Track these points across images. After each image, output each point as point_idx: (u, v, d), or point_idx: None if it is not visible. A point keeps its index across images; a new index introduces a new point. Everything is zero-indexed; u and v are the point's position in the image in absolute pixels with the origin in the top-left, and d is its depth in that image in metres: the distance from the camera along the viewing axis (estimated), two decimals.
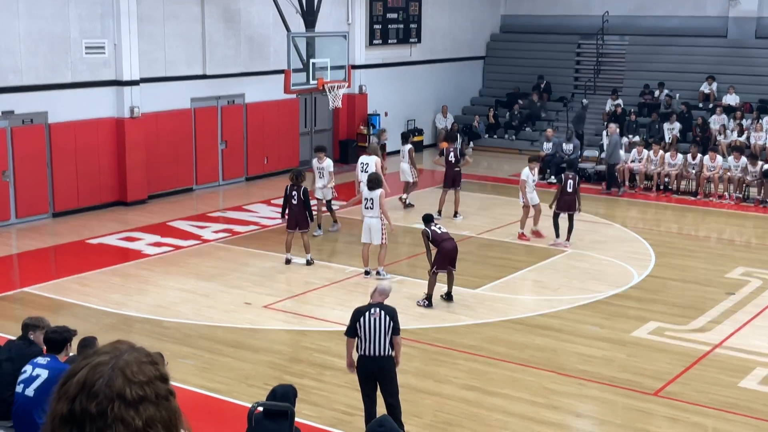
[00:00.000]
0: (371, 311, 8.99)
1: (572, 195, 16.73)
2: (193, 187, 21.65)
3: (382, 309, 9.01)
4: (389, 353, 8.97)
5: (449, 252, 13.38)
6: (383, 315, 8.95)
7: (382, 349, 8.92)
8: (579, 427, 9.98)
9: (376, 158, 17.54)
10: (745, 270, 15.55)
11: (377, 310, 8.99)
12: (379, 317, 8.94)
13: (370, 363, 8.96)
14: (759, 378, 10.93)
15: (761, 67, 26.26)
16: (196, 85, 21.34)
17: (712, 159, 21.45)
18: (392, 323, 8.94)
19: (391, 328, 8.94)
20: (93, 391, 1.90)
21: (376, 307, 9.03)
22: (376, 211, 14.58)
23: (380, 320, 8.93)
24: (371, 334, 8.91)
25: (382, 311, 8.99)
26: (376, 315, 8.95)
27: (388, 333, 8.92)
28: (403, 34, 26.98)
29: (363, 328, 8.93)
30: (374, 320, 8.93)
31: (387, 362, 8.99)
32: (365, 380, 9.03)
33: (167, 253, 16.28)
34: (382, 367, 8.98)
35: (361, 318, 8.98)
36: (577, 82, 29.09)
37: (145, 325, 12.62)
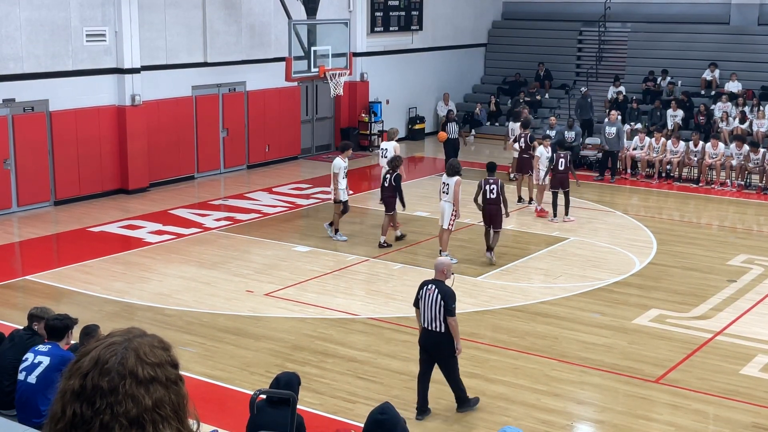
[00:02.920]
0: (428, 286, 9.37)
1: (564, 173, 17.55)
2: (195, 175, 21.64)
3: (437, 287, 9.32)
4: (443, 330, 9.24)
5: (486, 214, 15.09)
6: (436, 293, 9.26)
7: (435, 325, 9.25)
8: (580, 414, 10.00)
9: (395, 143, 17.66)
10: (747, 257, 15.54)
11: (432, 287, 9.33)
12: (432, 294, 9.27)
13: (425, 336, 9.38)
14: (760, 365, 10.94)
15: (764, 54, 26.18)
16: (198, 73, 21.30)
17: (714, 146, 21.41)
18: (443, 302, 9.22)
19: (443, 308, 9.21)
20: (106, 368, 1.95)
21: (432, 284, 9.38)
22: (450, 196, 14.87)
23: (433, 296, 9.26)
24: (426, 308, 9.29)
25: (436, 289, 9.29)
26: (430, 291, 9.30)
27: (440, 311, 9.21)
28: (405, 21, 26.90)
29: (422, 301, 9.35)
30: (429, 296, 9.30)
31: (440, 339, 9.26)
32: (422, 350, 9.47)
33: (169, 241, 16.29)
34: (436, 344, 9.30)
35: (421, 291, 9.40)
36: (579, 69, 29.01)
37: (147, 312, 12.64)
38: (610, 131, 21.69)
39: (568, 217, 17.74)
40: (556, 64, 28.87)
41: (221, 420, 8.94)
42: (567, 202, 17.72)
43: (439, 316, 9.22)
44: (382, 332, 11.92)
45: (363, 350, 11.28)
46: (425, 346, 9.40)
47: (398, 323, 12.23)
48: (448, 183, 14.87)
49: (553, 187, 17.73)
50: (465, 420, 9.45)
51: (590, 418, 9.93)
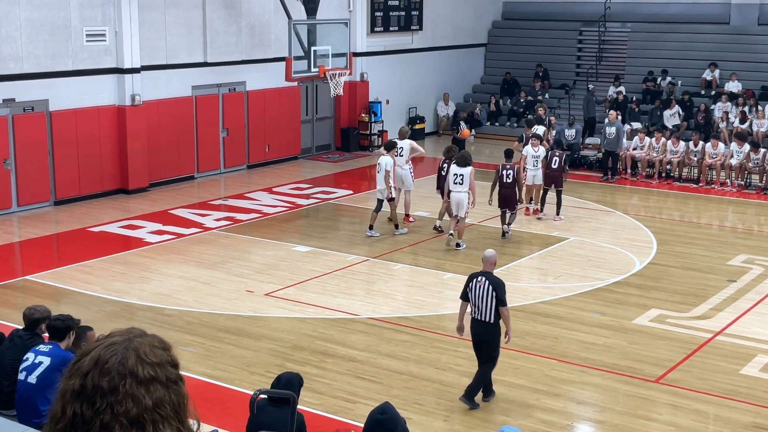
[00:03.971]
0: (478, 278, 9.65)
1: (557, 171, 17.67)
2: (195, 175, 21.64)
3: (488, 278, 9.61)
4: (494, 321, 9.55)
5: (501, 197, 16.34)
6: (487, 284, 9.55)
7: (486, 316, 9.53)
8: (580, 414, 10.00)
9: (409, 141, 17.67)
10: (747, 257, 15.54)
11: (483, 279, 9.62)
12: (484, 285, 9.55)
13: (475, 326, 9.66)
14: (760, 365, 10.95)
15: (763, 54, 26.19)
16: (197, 73, 21.31)
17: (714, 146, 21.41)
18: (495, 293, 9.49)
19: (495, 298, 9.49)
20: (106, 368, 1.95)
21: (482, 276, 9.66)
22: (465, 186, 15.48)
23: (484, 288, 9.53)
24: (476, 299, 9.57)
25: (487, 281, 9.58)
26: (481, 283, 9.58)
27: (491, 302, 9.49)
28: (405, 21, 26.90)
29: (471, 293, 9.63)
30: (479, 287, 9.57)
31: (490, 329, 9.58)
32: (474, 341, 9.75)
33: (169, 241, 16.29)
34: (486, 333, 9.59)
35: (470, 284, 9.68)
36: (579, 69, 29.02)
37: (147, 312, 12.64)
38: (610, 131, 21.69)
39: (558, 217, 17.74)
40: (556, 64, 28.88)
41: (221, 420, 8.94)
42: (559, 201, 17.78)
43: (490, 306, 9.50)
44: (382, 332, 11.92)
45: (363, 350, 11.28)
46: (474, 336, 9.72)
47: (398, 323, 12.23)
48: (462, 173, 15.54)
49: (546, 185, 17.83)
50: (465, 420, 9.45)
51: (590, 418, 9.93)
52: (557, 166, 17.74)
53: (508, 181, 16.33)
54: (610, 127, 21.72)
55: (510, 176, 16.35)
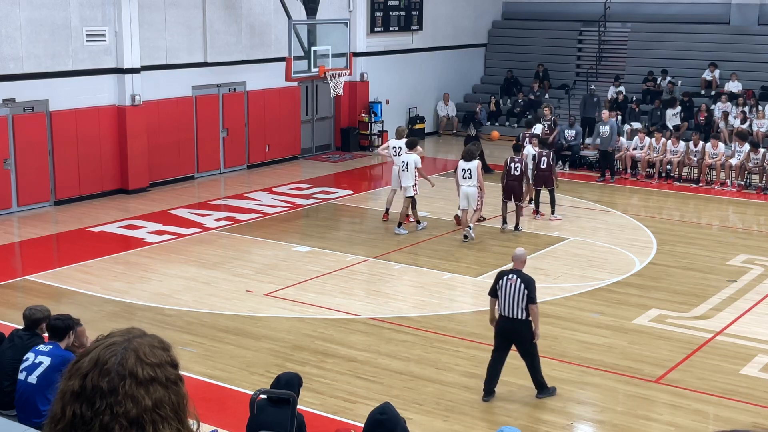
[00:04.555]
0: (509, 276, 9.70)
1: (546, 171, 17.72)
2: (195, 175, 21.65)
3: (519, 276, 9.68)
4: (524, 318, 9.61)
5: (508, 188, 16.84)
6: (518, 282, 9.61)
7: (516, 313, 9.60)
8: (580, 414, 10.00)
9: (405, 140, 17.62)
10: (747, 257, 15.54)
11: (514, 277, 9.68)
12: (514, 283, 9.61)
13: (507, 324, 9.70)
14: (760, 365, 10.95)
15: (763, 54, 26.18)
16: (198, 73, 21.31)
17: (714, 146, 21.41)
18: (526, 291, 9.56)
19: (526, 296, 9.55)
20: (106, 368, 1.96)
21: (513, 274, 9.72)
22: (473, 180, 15.93)
23: (515, 286, 9.59)
24: (507, 297, 9.62)
25: (518, 279, 9.65)
26: (512, 281, 9.64)
27: (523, 299, 9.55)
28: (405, 21, 26.90)
29: (501, 291, 9.68)
30: (510, 285, 9.62)
31: (522, 326, 9.64)
32: (499, 336, 9.82)
33: (169, 241, 16.29)
34: (517, 330, 9.68)
35: (500, 281, 9.72)
36: (579, 69, 29.02)
37: (147, 312, 12.64)
38: (603, 130, 21.70)
39: (554, 216, 17.79)
40: (556, 64, 28.88)
41: (221, 420, 8.95)
42: (552, 200, 17.87)
43: (521, 304, 9.56)
44: (382, 332, 11.92)
45: (363, 350, 11.28)
46: (504, 334, 9.75)
47: (398, 323, 12.23)
48: (470, 168, 16.01)
49: (536, 185, 17.93)
50: (465, 420, 9.45)
51: (590, 418, 9.93)
52: (546, 166, 17.79)
53: (515, 174, 16.77)
54: (603, 126, 21.72)
55: (518, 169, 16.77)
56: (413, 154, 16.85)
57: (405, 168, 16.76)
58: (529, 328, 9.68)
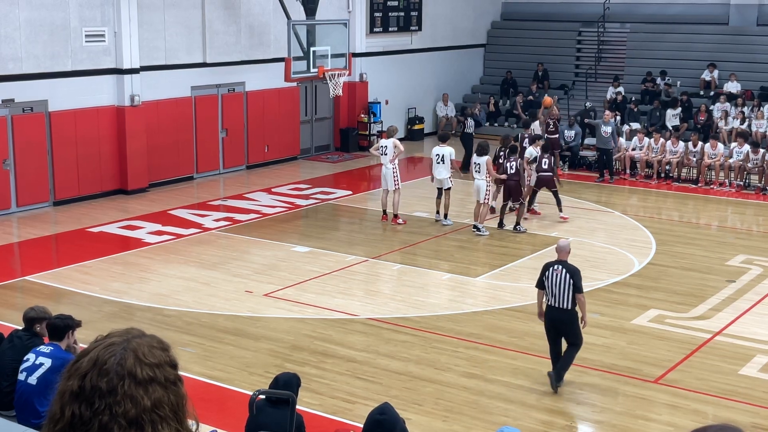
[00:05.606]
0: (554, 267, 10.01)
1: (547, 172, 17.64)
2: (194, 176, 21.65)
3: (564, 267, 9.98)
4: (571, 307, 9.90)
5: (506, 188, 17.01)
6: (564, 272, 9.91)
7: (563, 303, 9.88)
8: (580, 414, 10.00)
9: (394, 140, 17.63)
10: (746, 258, 15.55)
11: (559, 267, 9.98)
12: (560, 274, 9.91)
13: (554, 313, 9.99)
14: (759, 365, 10.95)
15: (762, 54, 26.19)
16: (197, 73, 21.31)
17: (713, 146, 21.42)
18: (572, 281, 9.85)
19: (572, 285, 9.84)
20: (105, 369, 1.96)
21: (558, 264, 10.03)
22: (482, 174, 16.54)
23: (561, 276, 9.88)
24: (554, 287, 9.91)
25: (564, 269, 9.95)
26: (558, 271, 9.94)
27: (569, 289, 9.84)
28: (404, 21, 26.90)
29: (548, 281, 9.98)
30: (556, 276, 9.92)
31: (568, 315, 9.94)
32: (550, 327, 10.10)
33: (168, 241, 16.29)
34: (563, 320, 9.97)
35: (546, 272, 10.03)
36: (578, 69, 29.03)
37: (146, 313, 12.64)
38: (605, 130, 21.71)
39: (562, 215, 17.80)
40: (555, 64, 28.88)
41: (220, 420, 8.95)
42: (558, 201, 17.82)
43: (567, 293, 9.82)
44: (381, 333, 11.93)
45: (362, 350, 11.28)
46: (553, 323, 10.02)
47: (397, 323, 12.24)
48: (479, 162, 16.61)
49: (537, 186, 17.89)
50: (464, 420, 9.45)
51: (589, 418, 9.93)
52: (547, 167, 17.69)
53: (512, 173, 16.88)
54: (605, 126, 21.73)
55: (513, 168, 16.91)
56: (445, 146, 17.41)
57: (441, 161, 17.26)
58: (576, 317, 9.96)
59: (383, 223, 17.55)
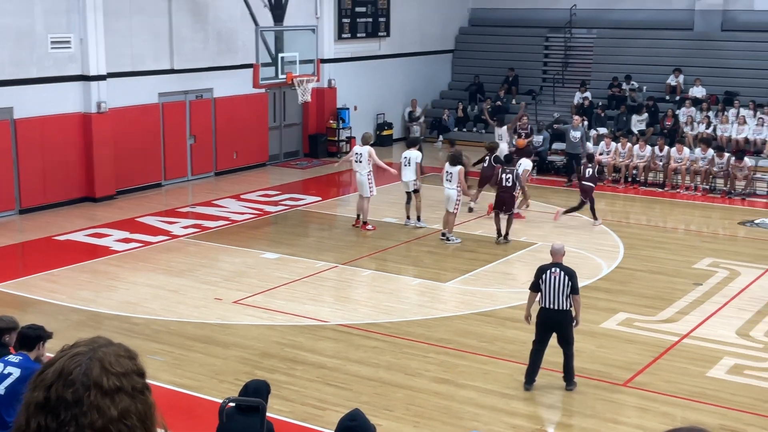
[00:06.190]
0: (552, 269, 10.15)
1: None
2: (162, 183, 21.51)
3: (562, 269, 10.15)
4: (567, 308, 10.08)
5: (499, 200, 16.55)
6: (562, 274, 10.07)
7: (560, 304, 10.04)
8: (550, 418, 10.05)
9: (369, 148, 17.61)
10: (712, 261, 15.71)
11: (557, 270, 10.14)
12: (558, 276, 10.06)
13: (551, 315, 10.10)
14: (726, 367, 11.07)
15: (727, 59, 26.53)
16: (164, 80, 21.18)
17: (679, 151, 21.65)
18: (570, 282, 10.03)
19: (569, 287, 10.02)
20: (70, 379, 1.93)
21: (555, 267, 10.19)
22: (454, 183, 16.33)
23: (559, 278, 10.04)
24: (551, 289, 10.03)
25: (562, 271, 10.11)
26: (555, 274, 10.08)
27: (566, 290, 10.01)
28: (372, 27, 26.94)
29: (544, 284, 10.08)
30: (554, 278, 10.05)
31: (565, 316, 10.12)
32: (543, 329, 10.20)
33: (136, 249, 16.16)
34: (560, 321, 10.13)
35: (543, 275, 10.12)
36: (545, 75, 29.23)
37: (114, 321, 12.53)
38: (574, 135, 21.87)
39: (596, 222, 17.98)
40: (523, 70, 29.05)
41: (190, 429, 8.89)
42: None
43: (564, 295, 10.00)
44: (352, 339, 11.91)
45: (332, 357, 11.26)
46: (548, 324, 10.13)
47: (368, 329, 12.22)
48: (452, 172, 16.36)
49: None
50: (434, 426, 9.45)
51: (559, 421, 9.98)
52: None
53: (507, 185, 16.59)
54: (574, 132, 21.89)
55: (509, 180, 16.59)
56: (414, 150, 17.54)
57: (408, 164, 17.38)
58: (571, 317, 10.14)
59: (353, 228, 17.52)
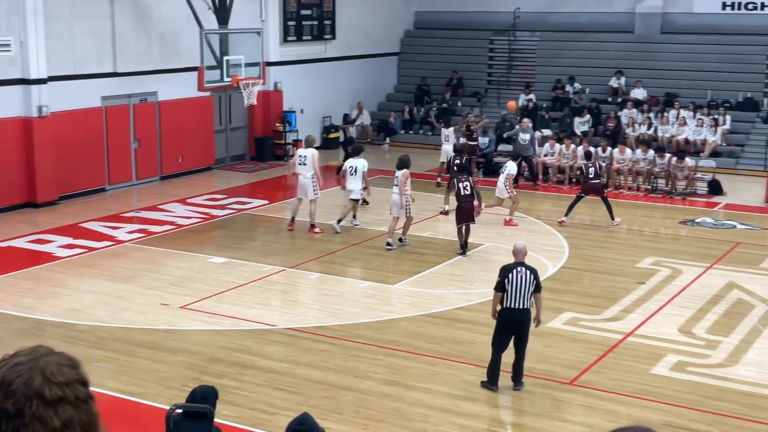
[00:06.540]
0: (518, 269, 10.18)
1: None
2: (106, 187, 21.22)
3: (527, 268, 10.24)
4: (529, 307, 10.17)
5: (463, 210, 15.78)
6: (528, 273, 10.15)
7: (525, 303, 10.11)
8: (498, 417, 10.14)
9: (313, 150, 17.54)
10: (655, 260, 15.99)
11: (523, 269, 10.20)
12: (525, 275, 10.12)
13: (516, 315, 10.13)
14: (670, 364, 11.27)
15: (667, 61, 27.04)
16: (107, 83, 20.90)
17: (622, 152, 21.99)
18: (535, 281, 10.14)
19: (534, 285, 10.11)
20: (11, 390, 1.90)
21: (521, 266, 10.24)
22: (398, 188, 16.12)
23: (525, 278, 10.10)
24: (518, 289, 10.06)
25: (527, 270, 10.20)
26: (522, 273, 10.14)
27: (531, 288, 10.10)
28: (318, 30, 26.90)
29: (510, 284, 10.09)
30: (520, 278, 10.09)
31: (528, 315, 10.20)
32: (507, 330, 10.22)
33: (80, 255, 15.93)
34: (524, 320, 10.19)
35: (509, 275, 10.12)
36: (490, 77, 29.47)
37: (58, 329, 12.33)
38: (523, 137, 22.07)
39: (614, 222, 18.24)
40: (468, 72, 29.26)
41: None
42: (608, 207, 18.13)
43: (529, 294, 10.10)
44: (300, 342, 11.88)
45: (281, 361, 11.22)
46: (512, 324, 10.16)
47: (316, 333, 12.20)
48: (397, 176, 16.27)
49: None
50: (384, 428, 9.47)
51: (508, 421, 10.07)
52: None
53: (466, 194, 15.83)
54: (524, 134, 22.11)
55: (467, 188, 15.91)
56: (361, 159, 17.53)
57: (354, 172, 17.37)
58: (530, 317, 10.22)
59: (301, 232, 17.48)
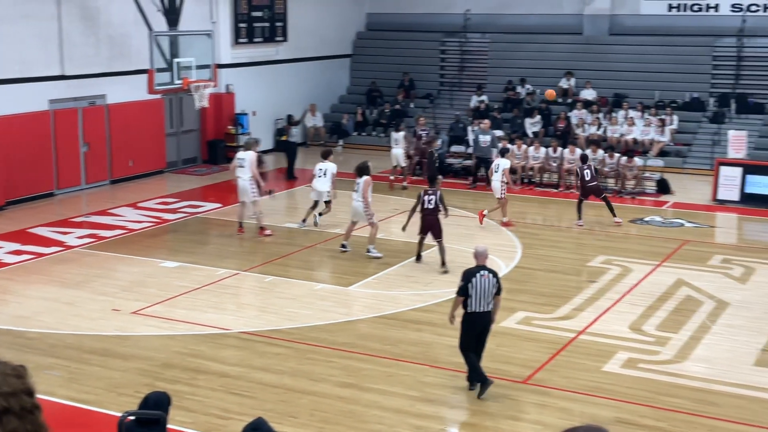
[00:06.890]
0: (481, 273, 10.17)
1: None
2: (54, 192, 20.91)
3: (489, 272, 10.25)
4: (490, 309, 10.24)
5: (425, 224, 15.28)
6: (491, 277, 10.19)
7: (487, 306, 10.17)
8: (453, 418, 10.19)
9: (252, 153, 17.41)
10: (605, 258, 16.19)
11: (486, 272, 10.20)
12: (488, 279, 10.15)
13: (479, 318, 10.17)
14: (621, 361, 11.41)
15: (615, 62, 27.41)
16: (55, 87, 20.60)
17: (572, 152, 22.23)
18: (497, 284, 10.20)
19: (496, 288, 10.18)
20: None
21: (483, 270, 10.22)
22: (359, 195, 15.89)
23: (489, 281, 10.14)
24: (481, 293, 10.08)
25: (490, 273, 10.22)
26: (485, 276, 10.15)
27: (493, 291, 10.16)
28: (269, 32, 26.78)
29: (474, 288, 10.07)
30: (484, 281, 10.11)
31: (489, 317, 10.29)
32: (472, 333, 10.24)
33: (28, 261, 15.68)
34: (486, 323, 10.28)
35: (473, 279, 10.10)
36: (442, 78, 29.61)
37: (6, 336, 12.12)
38: (484, 139, 22.24)
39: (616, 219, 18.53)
40: (421, 74, 29.38)
41: None
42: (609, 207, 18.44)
43: (491, 296, 10.15)
44: (255, 346, 11.82)
45: (235, 365, 11.15)
46: (476, 327, 10.20)
47: (270, 336, 12.15)
48: (358, 182, 15.95)
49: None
50: (340, 430, 9.47)
51: (462, 421, 10.13)
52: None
53: (429, 207, 15.14)
54: (483, 135, 22.28)
55: (432, 202, 15.11)
56: (329, 162, 17.57)
57: (323, 174, 17.43)
58: (492, 318, 10.29)
59: (254, 235, 17.40)
